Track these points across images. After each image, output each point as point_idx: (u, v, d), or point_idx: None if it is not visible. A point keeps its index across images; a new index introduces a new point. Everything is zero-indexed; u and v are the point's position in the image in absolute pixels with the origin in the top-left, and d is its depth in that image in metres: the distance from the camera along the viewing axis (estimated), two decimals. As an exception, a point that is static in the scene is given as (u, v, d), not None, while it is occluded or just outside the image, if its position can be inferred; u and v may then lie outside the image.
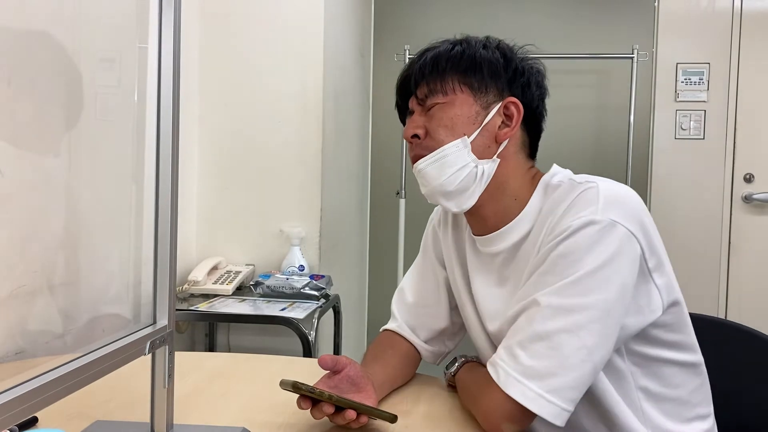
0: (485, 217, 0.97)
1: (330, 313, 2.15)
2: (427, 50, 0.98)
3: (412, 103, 0.98)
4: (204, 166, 2.22)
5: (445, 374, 1.05)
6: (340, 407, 0.82)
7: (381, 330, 1.18)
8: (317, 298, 1.95)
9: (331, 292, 2.08)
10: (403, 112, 1.02)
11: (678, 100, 2.76)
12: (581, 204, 0.84)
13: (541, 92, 0.98)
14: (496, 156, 0.93)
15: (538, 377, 0.78)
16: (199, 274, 1.99)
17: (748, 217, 2.73)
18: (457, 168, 0.91)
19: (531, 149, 0.99)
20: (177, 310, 1.65)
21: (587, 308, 0.79)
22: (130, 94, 1.43)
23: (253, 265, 2.19)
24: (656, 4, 2.79)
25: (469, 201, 0.94)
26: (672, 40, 2.76)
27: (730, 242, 2.72)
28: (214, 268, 2.08)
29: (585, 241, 0.81)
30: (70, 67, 1.27)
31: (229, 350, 2.25)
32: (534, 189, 0.95)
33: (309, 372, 1.20)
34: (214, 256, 2.14)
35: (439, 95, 0.93)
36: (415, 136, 0.95)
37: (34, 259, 1.18)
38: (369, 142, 3.15)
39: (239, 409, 0.96)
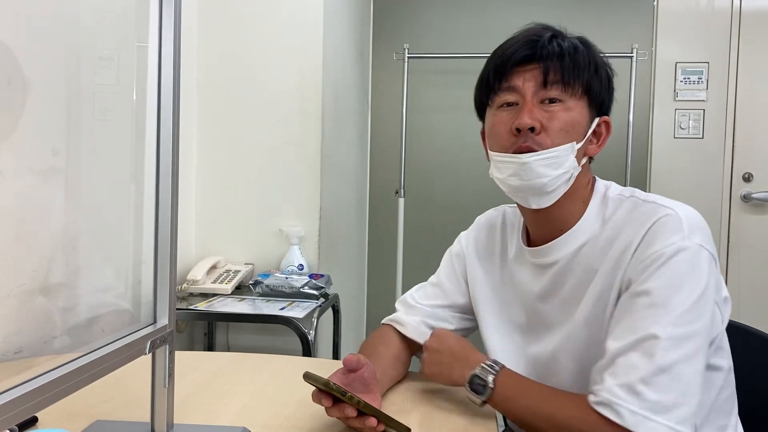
0: (553, 218, 0.96)
1: (329, 312, 2.15)
2: (555, 36, 0.93)
3: (523, 82, 0.91)
4: (203, 164, 2.22)
5: (473, 389, 0.92)
6: (360, 412, 0.82)
7: (382, 322, 1.18)
8: (316, 298, 1.95)
9: (331, 291, 2.07)
10: (491, 87, 0.95)
11: (677, 99, 2.76)
12: (668, 229, 0.85)
13: None
14: (580, 166, 0.94)
15: (666, 411, 0.77)
16: (198, 273, 1.99)
17: (747, 216, 2.74)
18: (562, 171, 0.90)
19: None
20: (176, 309, 1.65)
21: (697, 334, 0.80)
22: (129, 93, 1.43)
23: (252, 264, 2.19)
24: (655, 3, 2.79)
25: (551, 199, 0.93)
26: (671, 40, 2.77)
27: (729, 241, 2.72)
28: (213, 267, 2.08)
29: (684, 268, 0.82)
30: (68, 66, 1.26)
31: (228, 349, 2.24)
32: (590, 195, 0.96)
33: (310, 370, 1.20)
34: (213, 255, 2.14)
35: (567, 95, 0.91)
36: (531, 128, 0.90)
37: (33, 258, 1.18)
38: (368, 141, 3.15)
39: (239, 408, 0.96)
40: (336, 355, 2.23)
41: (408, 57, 2.84)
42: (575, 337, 0.92)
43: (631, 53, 2.70)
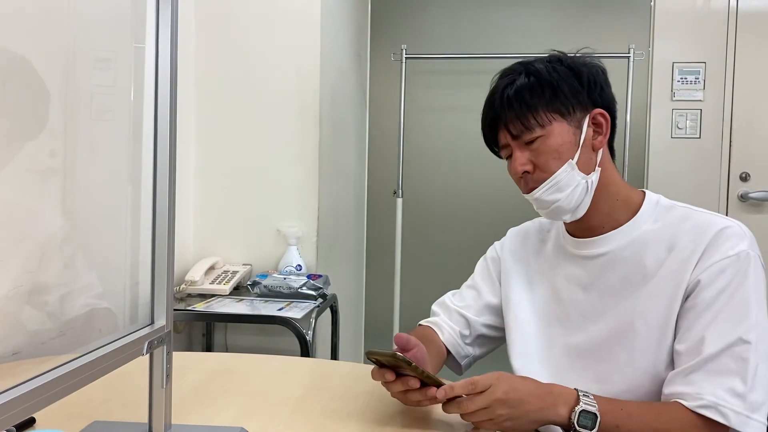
0: (589, 219, 1.02)
1: (327, 312, 2.15)
2: (504, 87, 1.01)
3: (506, 138, 1.01)
4: (201, 165, 2.22)
5: (582, 425, 0.86)
6: (423, 384, 0.86)
7: (419, 324, 1.22)
8: (315, 298, 1.95)
9: (329, 291, 2.08)
10: (492, 144, 1.06)
11: (674, 99, 2.76)
12: (735, 238, 0.92)
13: (610, 90, 1.04)
14: (597, 166, 1.00)
15: (759, 408, 0.86)
16: (196, 274, 1.99)
17: (744, 215, 2.74)
18: (571, 188, 0.97)
19: (610, 144, 1.05)
20: (174, 310, 1.65)
21: (767, 331, 0.90)
22: (126, 94, 1.43)
23: (251, 264, 2.19)
24: (652, 3, 2.79)
25: (582, 211, 1.00)
26: (668, 40, 2.77)
27: (726, 241, 2.71)
28: (211, 268, 2.08)
29: (754, 270, 0.91)
30: (66, 67, 1.27)
31: (226, 350, 2.24)
32: (639, 198, 1.02)
33: (307, 371, 1.21)
34: (211, 255, 2.14)
35: (537, 129, 0.98)
36: (525, 172, 1.00)
37: (31, 259, 1.18)
38: (366, 142, 3.15)
39: (237, 409, 0.96)
40: (334, 356, 2.23)
41: (405, 57, 2.84)
42: (625, 328, 0.97)
43: (628, 53, 2.70)
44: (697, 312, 0.91)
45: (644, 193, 1.04)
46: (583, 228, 1.04)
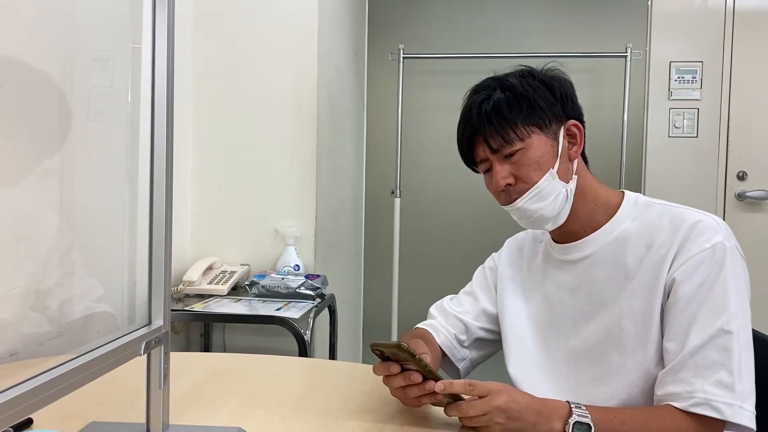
0: (570, 225, 1.04)
1: (325, 312, 2.15)
2: (481, 102, 1.02)
3: (485, 153, 1.03)
4: (198, 165, 2.22)
5: None
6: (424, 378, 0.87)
7: (416, 327, 1.23)
8: (312, 298, 1.95)
9: (327, 291, 2.08)
10: (469, 159, 1.08)
11: (671, 98, 2.77)
12: (709, 231, 0.93)
13: (578, 101, 1.06)
14: (574, 174, 1.03)
15: (748, 397, 0.86)
16: (194, 274, 1.99)
17: (742, 214, 2.75)
18: (552, 197, 1.00)
19: (583, 153, 1.08)
20: (172, 310, 1.65)
21: (749, 324, 0.91)
22: (124, 95, 1.43)
23: (248, 265, 2.19)
24: (650, 2, 2.80)
25: (562, 219, 1.03)
26: (665, 39, 2.77)
27: (723, 240, 2.72)
28: (209, 268, 2.08)
29: (733, 264, 0.91)
30: (63, 68, 1.26)
31: (224, 350, 2.24)
32: (618, 199, 1.04)
33: (305, 371, 1.21)
34: (209, 256, 2.14)
35: (516, 143, 0.99)
36: (508, 184, 1.01)
37: (28, 260, 1.18)
38: (364, 142, 3.15)
39: (235, 409, 0.96)
40: (333, 356, 2.23)
41: (403, 57, 2.84)
42: (614, 328, 0.98)
43: (626, 53, 2.70)
44: (680, 308, 0.92)
45: (623, 193, 1.05)
46: (565, 233, 1.06)
